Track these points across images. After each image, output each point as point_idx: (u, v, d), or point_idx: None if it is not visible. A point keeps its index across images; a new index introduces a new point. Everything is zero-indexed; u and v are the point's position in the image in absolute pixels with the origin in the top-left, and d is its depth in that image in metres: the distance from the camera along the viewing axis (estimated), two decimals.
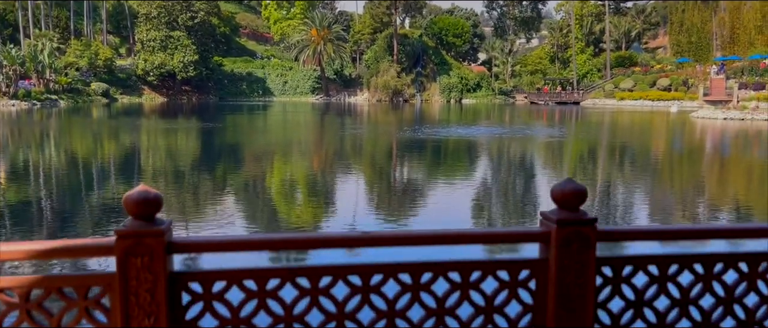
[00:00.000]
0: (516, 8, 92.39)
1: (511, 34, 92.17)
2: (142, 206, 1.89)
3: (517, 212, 10.82)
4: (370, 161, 18.55)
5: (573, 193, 2.08)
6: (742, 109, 36.17)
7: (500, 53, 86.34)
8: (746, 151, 22.02)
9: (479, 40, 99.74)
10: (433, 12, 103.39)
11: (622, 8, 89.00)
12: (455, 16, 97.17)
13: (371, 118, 43.78)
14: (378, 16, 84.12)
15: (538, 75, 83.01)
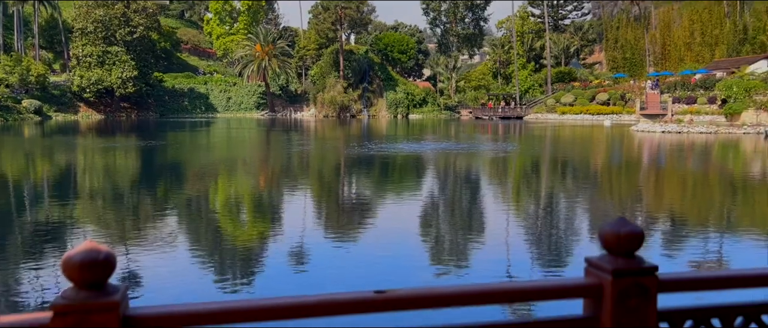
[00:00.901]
0: (458, 25, 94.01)
1: (454, 51, 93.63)
2: (89, 272, 1.43)
3: (465, 226, 10.76)
4: (318, 178, 18.26)
5: (630, 236, 1.72)
6: (679, 123, 37.65)
7: (444, 69, 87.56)
8: (689, 162, 22.81)
9: (424, 57, 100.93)
10: (378, 28, 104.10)
11: (561, 25, 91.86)
12: (400, 32, 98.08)
13: (319, 134, 43.43)
14: (323, 31, 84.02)
15: (481, 90, 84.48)
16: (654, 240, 9.76)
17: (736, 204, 13.62)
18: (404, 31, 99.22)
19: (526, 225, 11.02)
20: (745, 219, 11.69)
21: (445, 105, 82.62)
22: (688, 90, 50.91)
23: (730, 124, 36.36)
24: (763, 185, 16.56)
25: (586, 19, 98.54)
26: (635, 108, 51.13)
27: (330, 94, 79.23)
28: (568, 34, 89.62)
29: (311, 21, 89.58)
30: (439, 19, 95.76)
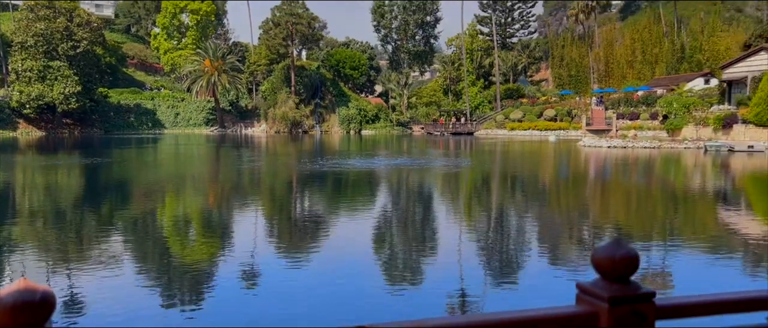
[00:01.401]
0: (409, 42, 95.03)
1: (405, 67, 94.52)
2: (23, 315, 1.20)
3: (420, 243, 10.72)
4: (270, 196, 17.96)
5: (626, 260, 1.63)
6: (624, 138, 38.85)
7: (396, 86, 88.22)
8: (637, 176, 23.47)
9: (376, 73, 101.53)
10: (329, 44, 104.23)
11: (509, 43, 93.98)
12: (352, 49, 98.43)
13: (270, 149, 42.92)
14: (274, 47, 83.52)
15: (433, 106, 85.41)
16: None
17: (679, 216, 14.04)
18: (356, 48, 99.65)
19: (480, 241, 11.06)
20: (687, 230, 12.05)
21: (398, 121, 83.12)
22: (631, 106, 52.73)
23: (671, 139, 37.74)
24: (705, 197, 17.17)
25: (532, 37, 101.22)
26: (581, 124, 52.57)
27: (281, 110, 78.63)
28: (516, 52, 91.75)
29: (262, 36, 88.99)
30: (391, 37, 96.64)
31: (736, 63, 41.63)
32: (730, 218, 13.43)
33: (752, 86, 37.63)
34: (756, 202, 16.81)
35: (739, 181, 21.61)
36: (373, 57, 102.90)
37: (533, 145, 43.74)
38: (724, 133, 36.62)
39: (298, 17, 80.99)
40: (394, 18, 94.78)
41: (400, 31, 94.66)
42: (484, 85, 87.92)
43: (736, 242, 10.80)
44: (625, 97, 58.00)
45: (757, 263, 9.29)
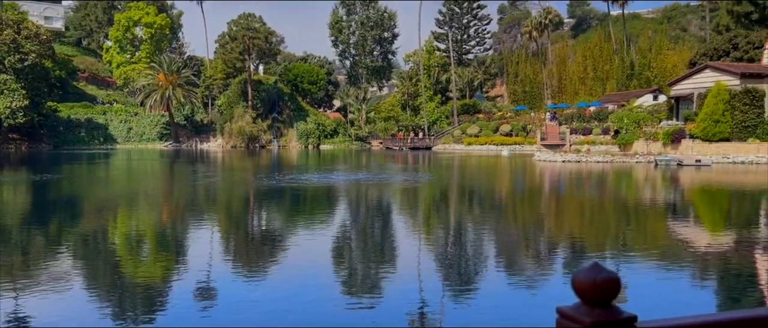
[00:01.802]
0: (367, 58, 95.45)
1: (364, 82, 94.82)
2: None
3: (378, 258, 10.67)
4: (225, 212, 17.65)
5: (607, 283, 1.59)
6: (577, 152, 39.69)
7: (355, 100, 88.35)
8: (592, 190, 23.97)
9: (334, 88, 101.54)
10: (287, 59, 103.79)
11: (465, 60, 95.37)
12: (309, 63, 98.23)
13: (226, 165, 42.28)
14: (231, 61, 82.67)
15: (391, 121, 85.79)
16: (556, 265, 10.08)
17: (633, 229, 14.38)
18: (314, 63, 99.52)
19: (440, 256, 11.08)
20: (641, 243, 12.34)
21: (356, 135, 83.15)
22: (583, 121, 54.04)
23: (623, 154, 38.76)
24: (657, 210, 17.64)
25: (488, 54, 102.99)
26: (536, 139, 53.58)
27: (238, 125, 77.72)
28: (472, 68, 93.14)
29: (218, 50, 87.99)
30: (349, 52, 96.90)
31: (682, 80, 43.16)
32: (681, 231, 13.82)
33: (698, 102, 39.04)
34: (704, 215, 17.36)
35: (688, 194, 22.31)
36: (331, 72, 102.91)
37: (490, 160, 44.31)
38: (673, 148, 37.85)
39: (255, 31, 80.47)
40: (352, 33, 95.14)
41: (358, 46, 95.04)
42: (442, 101, 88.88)
43: (688, 255, 11.11)
44: (577, 112, 59.46)
45: (706, 275, 9.56)
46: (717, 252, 11.08)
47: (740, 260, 10.50)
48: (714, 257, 10.62)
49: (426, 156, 53.42)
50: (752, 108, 37.01)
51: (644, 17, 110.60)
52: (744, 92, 37.04)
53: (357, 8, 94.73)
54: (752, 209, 18.13)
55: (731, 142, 36.59)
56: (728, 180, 26.31)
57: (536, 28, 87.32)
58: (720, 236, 12.92)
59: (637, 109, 53.55)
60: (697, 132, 37.25)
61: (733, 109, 36.92)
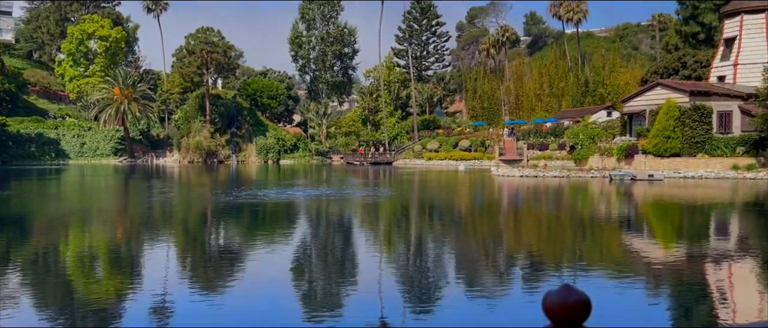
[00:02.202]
0: (328, 73, 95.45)
1: (324, 97, 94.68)
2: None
3: (339, 274, 10.59)
4: (182, 229, 17.29)
5: (579, 305, 1.60)
6: (535, 167, 40.35)
7: (315, 115, 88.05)
8: (550, 205, 24.35)
9: (294, 102, 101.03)
10: (246, 73, 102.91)
11: (424, 76, 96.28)
12: (269, 78, 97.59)
13: (183, 180, 41.51)
14: (188, 75, 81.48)
15: (352, 136, 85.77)
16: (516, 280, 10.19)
17: (588, 242, 14.65)
18: (274, 77, 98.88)
19: (400, 272, 11.07)
20: (596, 256, 12.58)
21: (317, 150, 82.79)
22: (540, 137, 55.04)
23: (579, 169, 39.59)
24: (611, 224, 18.04)
25: (447, 70, 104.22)
26: (495, 154, 54.29)
27: (195, 139, 76.49)
28: (432, 84, 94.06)
29: (175, 64, 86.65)
30: (309, 67, 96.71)
31: (635, 97, 44.46)
32: (636, 244, 14.15)
33: (650, 119, 40.24)
34: (657, 228, 17.83)
35: (641, 208, 22.89)
36: (291, 87, 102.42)
37: (451, 175, 44.68)
38: (626, 163, 38.86)
39: (214, 45, 79.59)
40: (312, 48, 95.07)
41: (319, 61, 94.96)
42: (402, 116, 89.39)
43: (642, 268, 11.37)
44: (534, 128, 60.56)
45: (659, 287, 9.80)
46: (669, 265, 11.37)
47: (692, 272, 10.80)
48: (666, 270, 10.90)
49: (387, 171, 53.54)
50: (701, 124, 38.34)
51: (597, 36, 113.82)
52: (693, 109, 38.36)
53: (317, 23, 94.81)
54: (702, 222, 18.72)
55: (682, 157, 37.78)
56: (679, 194, 27.14)
57: (494, 45, 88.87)
58: (672, 249, 13.28)
59: (591, 125, 54.88)
60: (649, 148, 38.33)
61: (683, 125, 38.17)
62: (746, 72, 43.00)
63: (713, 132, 38.76)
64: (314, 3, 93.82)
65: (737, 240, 14.94)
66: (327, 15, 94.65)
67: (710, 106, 38.87)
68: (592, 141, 44.12)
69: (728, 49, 45.35)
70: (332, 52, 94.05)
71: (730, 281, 10.34)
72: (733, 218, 19.66)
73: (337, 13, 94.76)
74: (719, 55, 46.50)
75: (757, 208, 22.63)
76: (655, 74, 56.12)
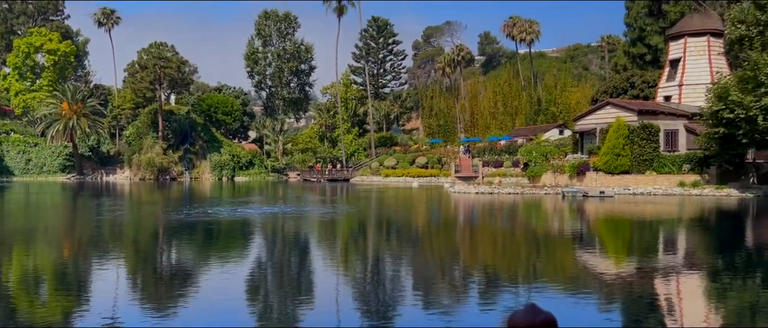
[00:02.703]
0: (284, 89, 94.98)
1: (280, 114, 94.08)
2: None
3: (295, 291, 10.44)
4: (132, 248, 16.79)
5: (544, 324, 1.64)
6: (490, 184, 40.87)
7: (271, 132, 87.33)
8: (503, 221, 24.63)
9: (249, 119, 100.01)
10: (201, 89, 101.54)
11: (381, 93, 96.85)
12: (224, 93, 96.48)
13: (134, 198, 40.44)
14: (141, 90, 79.89)
15: (309, 153, 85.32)
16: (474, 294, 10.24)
17: (542, 257, 14.87)
18: (229, 93, 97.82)
19: (357, 289, 10.99)
20: (549, 271, 12.77)
21: (273, 167, 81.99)
22: (495, 154, 55.87)
23: (533, 186, 40.28)
24: (564, 239, 18.37)
25: (403, 88, 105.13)
26: (451, 171, 54.79)
27: (147, 156, 74.79)
28: (389, 102, 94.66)
29: (127, 79, 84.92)
30: (265, 83, 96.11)
31: (586, 116, 45.64)
32: (588, 259, 14.43)
33: (601, 137, 41.35)
34: (609, 243, 18.24)
35: (593, 224, 23.40)
36: (246, 103, 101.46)
37: (408, 192, 44.83)
38: (578, 180, 39.77)
39: (167, 61, 78.31)
40: (269, 65, 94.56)
41: (275, 77, 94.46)
42: (359, 133, 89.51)
43: (594, 282, 11.58)
44: (489, 145, 61.45)
45: (610, 300, 10.00)
46: (621, 279, 11.63)
47: (643, 285, 11.06)
48: (619, 284, 11.14)
49: (344, 188, 53.37)
50: (649, 142, 39.59)
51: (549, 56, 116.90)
52: (641, 128, 39.59)
53: (273, 40, 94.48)
54: (652, 237, 19.24)
55: (631, 174, 38.88)
56: (630, 210, 27.87)
57: (449, 64, 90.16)
58: (624, 264, 13.58)
59: (544, 142, 56.03)
60: (600, 165, 39.33)
61: (632, 143, 39.34)
62: (691, 92, 44.73)
63: (661, 150, 40.06)
64: (270, 19, 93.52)
65: (684, 254, 15.40)
66: (283, 31, 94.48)
67: (657, 125, 40.20)
68: (545, 158, 45.01)
69: (673, 70, 47.12)
70: (289, 68, 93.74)
71: (678, 293, 10.63)
72: (681, 233, 20.28)
73: (294, 29, 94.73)
74: (665, 75, 48.26)
75: (703, 223, 23.42)
76: (604, 94, 57.81)
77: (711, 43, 45.45)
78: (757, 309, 9.27)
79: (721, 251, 15.60)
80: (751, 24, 33.74)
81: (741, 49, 35.84)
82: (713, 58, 45.00)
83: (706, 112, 35.18)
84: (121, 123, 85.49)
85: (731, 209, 28.54)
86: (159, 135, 77.31)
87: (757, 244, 17.86)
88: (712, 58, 45.02)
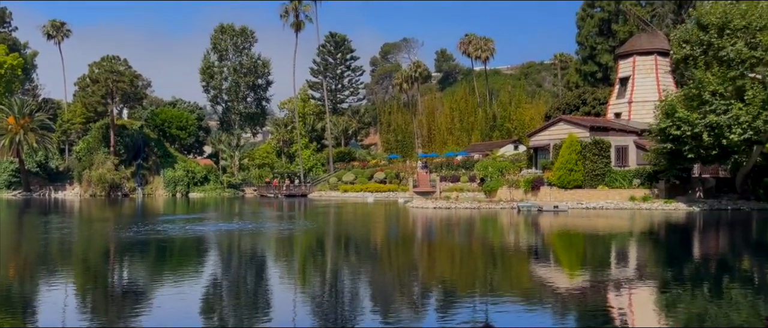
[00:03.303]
0: (240, 104, 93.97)
1: (237, 129, 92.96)
2: None
3: (251, 310, 10.28)
4: (81, 267, 16.26)
5: None
6: (447, 199, 41.20)
7: (227, 147, 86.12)
8: (460, 235, 24.80)
9: (205, 134, 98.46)
10: (154, 103, 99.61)
11: (339, 109, 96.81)
12: (179, 108, 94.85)
13: (84, 215, 39.22)
14: (92, 105, 77.82)
15: (266, 168, 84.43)
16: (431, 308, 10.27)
17: (498, 271, 15.03)
18: (184, 108, 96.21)
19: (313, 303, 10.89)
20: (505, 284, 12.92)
21: (229, 183, 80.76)
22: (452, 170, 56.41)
23: (489, 200, 40.78)
24: (520, 253, 18.62)
25: (362, 103, 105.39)
26: (409, 186, 55.03)
27: (98, 172, 72.75)
28: (347, 117, 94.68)
29: (78, 93, 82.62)
30: (221, 97, 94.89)
31: (539, 132, 46.58)
32: (543, 273, 14.66)
33: (554, 152, 42.23)
34: (563, 257, 18.58)
35: (548, 238, 23.81)
36: (202, 117, 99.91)
37: (366, 207, 44.79)
38: (533, 195, 40.45)
39: (120, 75, 76.55)
40: (225, 79, 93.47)
41: (231, 92, 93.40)
42: (317, 148, 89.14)
43: (550, 294, 11.76)
44: (446, 161, 62.05)
45: (567, 312, 10.17)
46: (575, 291, 11.85)
47: (596, 298, 11.29)
48: (572, 296, 11.35)
49: (302, 203, 52.96)
50: (601, 158, 40.63)
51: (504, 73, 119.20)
52: (593, 143, 40.63)
53: (230, 54, 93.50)
54: (604, 251, 19.70)
55: (584, 189, 39.78)
56: (582, 224, 28.48)
57: (406, 80, 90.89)
58: (577, 277, 13.86)
59: (500, 158, 56.90)
60: (554, 180, 40.13)
61: (585, 158, 40.31)
62: (640, 109, 46.21)
63: (612, 165, 41.15)
64: (227, 34, 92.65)
65: (635, 267, 15.82)
66: (240, 46, 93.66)
67: (608, 141, 41.32)
68: (501, 174, 45.68)
69: (623, 88, 48.62)
70: (245, 83, 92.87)
71: (629, 305, 10.90)
72: (632, 246, 20.82)
73: (251, 44, 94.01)
74: (615, 93, 49.75)
75: (652, 236, 24.11)
76: (557, 110, 59.21)
77: (658, 61, 47.13)
78: (705, 318, 9.57)
79: (670, 264, 16.08)
80: (695, 44, 35.15)
81: (686, 67, 37.28)
82: (661, 77, 46.64)
83: (655, 128, 36.32)
84: (71, 138, 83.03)
85: (679, 222, 29.49)
86: (111, 150, 75.38)
87: (704, 256, 18.48)
88: (660, 77, 46.66)
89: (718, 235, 24.84)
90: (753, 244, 21.78)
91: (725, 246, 21.09)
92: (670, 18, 58.88)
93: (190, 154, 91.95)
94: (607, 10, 68.74)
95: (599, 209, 36.89)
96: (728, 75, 33.01)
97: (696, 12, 36.70)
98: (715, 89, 32.94)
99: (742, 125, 32.04)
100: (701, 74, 33.65)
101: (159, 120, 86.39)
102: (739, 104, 32.38)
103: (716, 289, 12.22)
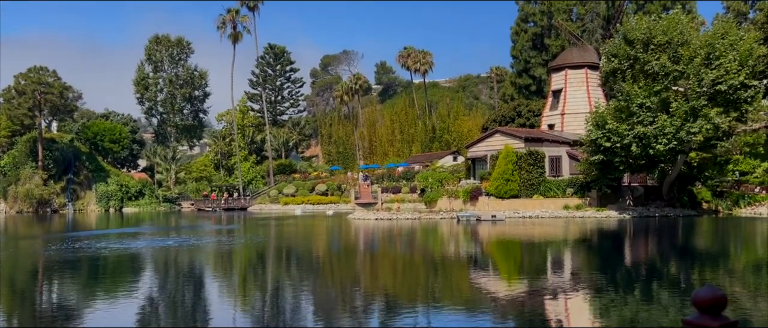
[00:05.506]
0: (176, 116, 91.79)
1: (173, 141, 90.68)
2: None
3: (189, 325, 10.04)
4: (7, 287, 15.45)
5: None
6: (389, 210, 41.41)
7: (163, 160, 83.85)
8: (401, 246, 24.93)
9: (139, 147, 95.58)
10: (86, 116, 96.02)
11: (280, 120, 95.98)
12: (112, 120, 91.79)
13: (9, 232, 37.29)
14: (17, 117, 74.29)
15: (203, 182, 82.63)
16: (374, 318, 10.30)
17: (439, 280, 15.22)
18: (117, 120, 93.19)
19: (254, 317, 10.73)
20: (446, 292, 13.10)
21: (165, 197, 78.58)
22: (393, 181, 56.78)
23: (429, 211, 41.25)
24: (459, 262, 18.91)
25: (302, 115, 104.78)
26: (351, 198, 55.02)
27: (25, 187, 69.45)
28: (287, 129, 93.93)
29: (2, 106, 78.68)
30: (156, 110, 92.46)
31: (477, 143, 47.53)
32: (482, 281, 14.93)
33: (491, 163, 43.17)
34: (501, 264, 18.98)
35: (486, 247, 24.27)
36: (136, 130, 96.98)
37: (306, 220, 44.45)
38: (472, 205, 41.18)
39: (48, 86, 73.47)
40: (160, 91, 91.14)
41: (167, 104, 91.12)
42: (257, 161, 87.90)
43: (489, 302, 11.99)
44: (387, 172, 62.42)
45: (506, 318, 10.40)
46: (512, 298, 12.13)
47: (532, 303, 11.59)
48: (510, 303, 11.61)
49: (241, 217, 52.04)
50: (535, 168, 41.79)
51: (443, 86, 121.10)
52: (528, 154, 41.76)
53: (165, 65, 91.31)
54: (540, 258, 20.24)
55: (520, 198, 40.78)
56: (519, 233, 29.18)
57: (347, 92, 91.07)
58: (515, 284, 14.19)
59: (439, 169, 57.69)
60: (491, 190, 40.97)
61: (520, 169, 41.36)
62: (572, 120, 47.86)
63: (546, 175, 42.38)
64: (162, 45, 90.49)
65: (570, 273, 16.32)
66: (176, 57, 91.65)
67: (543, 152, 42.56)
68: (441, 184, 46.30)
69: (556, 100, 50.28)
70: (182, 94, 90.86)
71: (566, 309, 11.25)
72: (567, 253, 21.48)
73: (187, 55, 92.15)
74: (549, 105, 51.38)
75: (586, 243, 24.95)
76: (494, 122, 60.63)
77: (588, 75, 49.01)
78: (636, 321, 9.98)
79: (603, 269, 16.69)
80: (623, 58, 36.77)
81: (615, 81, 38.92)
82: (591, 89, 48.49)
83: (586, 139, 37.68)
84: None
85: (611, 229, 30.64)
86: (39, 165, 72.09)
87: (634, 261, 19.26)
88: (591, 89, 48.51)
89: (647, 241, 25.94)
90: (679, 249, 22.86)
91: (654, 251, 22.05)
92: (599, 33, 61.40)
93: (123, 168, 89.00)
94: (540, 25, 71.02)
95: (535, 218, 37.88)
96: (654, 88, 34.67)
97: (623, 27, 38.41)
98: (642, 102, 34.52)
99: (667, 136, 33.68)
100: (629, 87, 35.20)
101: (91, 133, 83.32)
102: (665, 116, 34.04)
103: (646, 293, 12.76)
